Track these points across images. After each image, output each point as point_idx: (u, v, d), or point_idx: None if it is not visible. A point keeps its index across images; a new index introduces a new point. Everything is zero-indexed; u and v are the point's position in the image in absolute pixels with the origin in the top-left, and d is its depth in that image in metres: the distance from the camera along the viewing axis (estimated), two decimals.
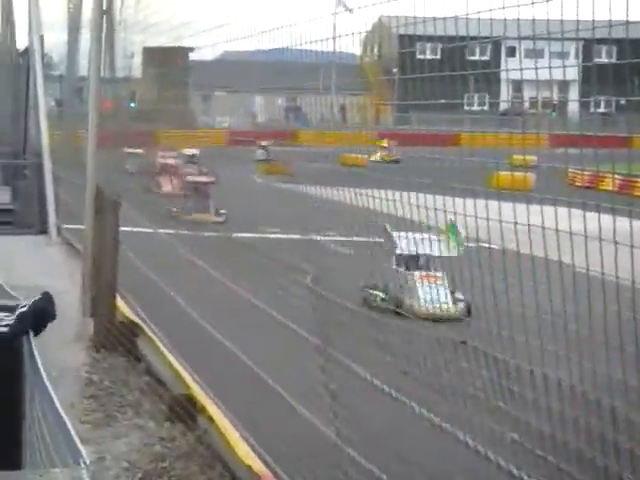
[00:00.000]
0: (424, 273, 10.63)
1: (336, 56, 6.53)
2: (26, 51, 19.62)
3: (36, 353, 4.06)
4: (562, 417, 4.01)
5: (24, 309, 4.43)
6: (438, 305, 9.30)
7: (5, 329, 4.40)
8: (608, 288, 3.81)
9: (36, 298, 4.51)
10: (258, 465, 6.52)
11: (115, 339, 10.12)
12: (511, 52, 7.02)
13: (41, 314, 4.41)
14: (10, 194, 20.88)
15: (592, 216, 3.92)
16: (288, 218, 8.03)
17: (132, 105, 12.80)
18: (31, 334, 4.30)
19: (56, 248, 16.66)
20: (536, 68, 4.07)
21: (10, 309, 4.63)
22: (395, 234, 7.56)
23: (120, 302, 10.84)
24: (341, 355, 5.99)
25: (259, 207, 17.35)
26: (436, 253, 7.18)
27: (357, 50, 6.23)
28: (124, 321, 10.45)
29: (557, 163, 4.28)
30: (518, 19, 4.21)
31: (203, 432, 7.59)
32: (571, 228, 3.89)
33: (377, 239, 6.51)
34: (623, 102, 5.30)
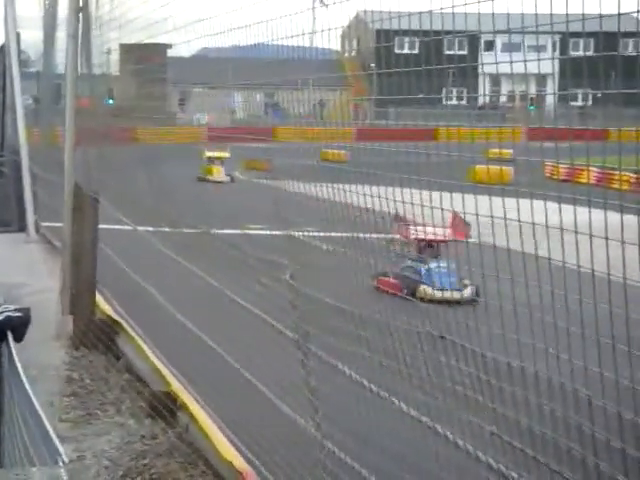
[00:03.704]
0: None
1: (314, 51, 6.52)
2: (2, 48, 19.52)
3: (14, 352, 4.05)
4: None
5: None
6: None
7: None
8: (585, 280, 3.83)
9: (14, 313, 4.48)
10: (239, 462, 6.52)
11: (95, 337, 10.10)
12: (488, 46, 7.05)
13: (16, 328, 4.39)
14: None
15: (568, 209, 3.95)
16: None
17: (110, 102, 12.75)
18: (9, 336, 4.28)
19: (35, 246, 16.60)
20: (511, 62, 4.09)
21: None
22: None
23: (99, 299, 10.82)
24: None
25: None
26: None
27: (335, 45, 6.23)
28: (104, 318, 10.43)
29: (534, 156, 4.29)
30: (493, 13, 4.23)
31: (184, 429, 7.59)
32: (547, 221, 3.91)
33: None
34: (599, 95, 5.34)
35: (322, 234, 6.25)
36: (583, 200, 3.85)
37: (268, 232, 7.30)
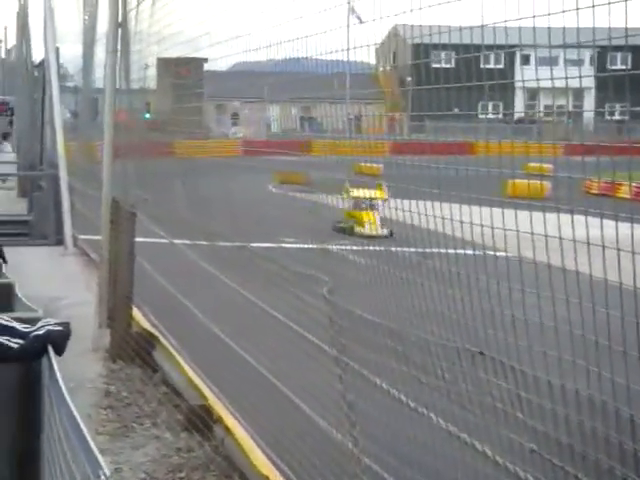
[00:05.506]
0: None
1: (350, 66, 6.54)
2: (42, 63, 19.76)
3: (55, 366, 4.07)
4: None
5: (40, 332, 4.45)
6: None
7: (18, 345, 4.43)
8: (626, 296, 3.79)
9: (55, 327, 4.52)
10: (275, 476, 6.51)
11: (132, 350, 10.14)
12: (525, 60, 7.02)
13: (56, 342, 4.43)
14: (27, 205, 21.04)
15: (609, 224, 3.91)
16: None
17: (147, 116, 12.84)
18: (50, 349, 4.32)
19: (72, 259, 16.74)
20: (552, 79, 4.07)
21: (28, 321, 4.66)
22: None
23: (136, 312, 10.87)
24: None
25: None
26: None
27: (371, 60, 6.26)
28: (140, 331, 10.48)
29: (573, 171, 4.27)
30: (534, 27, 4.21)
31: (220, 442, 7.59)
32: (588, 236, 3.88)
33: None
34: (639, 109, 5.29)
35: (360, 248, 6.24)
36: (617, 215, 3.83)
37: (304, 245, 7.29)
